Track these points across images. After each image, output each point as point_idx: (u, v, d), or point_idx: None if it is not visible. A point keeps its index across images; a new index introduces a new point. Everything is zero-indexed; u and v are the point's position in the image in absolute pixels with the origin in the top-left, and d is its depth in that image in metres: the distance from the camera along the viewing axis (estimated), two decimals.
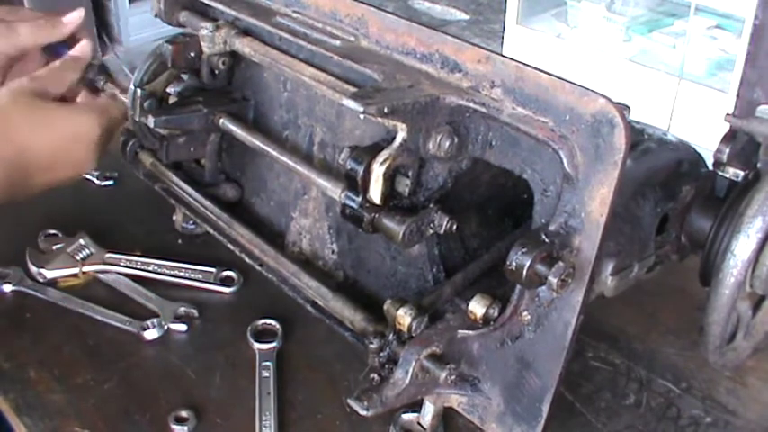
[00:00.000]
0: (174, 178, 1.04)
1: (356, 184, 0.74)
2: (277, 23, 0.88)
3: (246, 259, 0.95)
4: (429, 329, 0.77)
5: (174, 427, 0.82)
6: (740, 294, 0.78)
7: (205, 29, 0.92)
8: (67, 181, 0.91)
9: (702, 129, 2.53)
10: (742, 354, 0.87)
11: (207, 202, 1.01)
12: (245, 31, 0.93)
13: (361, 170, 0.73)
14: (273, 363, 0.90)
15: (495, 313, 0.76)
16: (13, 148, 0.83)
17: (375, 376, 0.75)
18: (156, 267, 1.02)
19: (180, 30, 0.99)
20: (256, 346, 0.92)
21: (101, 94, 0.98)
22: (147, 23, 3.89)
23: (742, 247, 0.74)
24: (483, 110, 0.72)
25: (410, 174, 0.75)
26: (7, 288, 0.99)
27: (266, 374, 0.89)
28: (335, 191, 0.81)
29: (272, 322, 0.94)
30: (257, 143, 0.93)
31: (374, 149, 0.73)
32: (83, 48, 0.96)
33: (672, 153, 0.85)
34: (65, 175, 0.89)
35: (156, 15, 0.99)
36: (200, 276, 1.02)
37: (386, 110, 0.68)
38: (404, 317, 0.76)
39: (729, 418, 0.87)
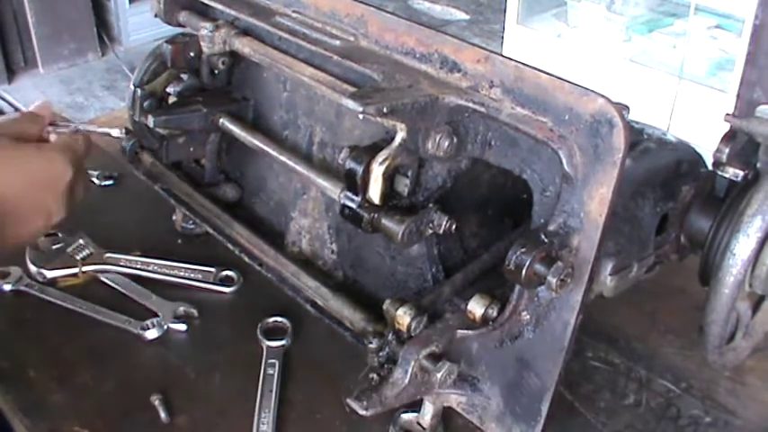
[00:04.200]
0: (174, 178, 1.04)
1: (355, 184, 0.74)
2: (277, 23, 0.88)
3: (246, 259, 0.95)
4: (428, 329, 0.77)
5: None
6: (740, 294, 0.78)
7: (205, 29, 0.92)
8: (36, 235, 0.85)
9: (702, 129, 2.53)
10: (741, 354, 0.87)
11: (207, 202, 1.01)
12: (245, 31, 0.93)
13: (360, 170, 0.73)
14: (280, 361, 0.90)
15: (495, 313, 0.76)
16: None
17: (374, 376, 0.75)
18: (155, 267, 1.02)
19: (180, 30, 0.99)
20: (266, 343, 0.92)
21: (58, 133, 0.91)
22: (147, 23, 3.89)
23: (741, 247, 0.74)
24: (482, 110, 0.72)
25: (409, 173, 0.75)
26: (7, 288, 0.99)
27: (271, 372, 0.89)
28: (335, 190, 0.81)
29: (283, 320, 0.94)
30: (257, 143, 0.93)
31: (373, 149, 0.73)
32: (44, 107, 0.90)
33: (671, 153, 0.85)
34: (38, 225, 0.83)
35: (155, 15, 0.99)
36: (199, 276, 1.02)
37: (385, 110, 0.68)
38: (403, 317, 0.76)
39: (729, 417, 0.87)
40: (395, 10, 3.87)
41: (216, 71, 0.97)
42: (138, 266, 1.02)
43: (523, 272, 0.67)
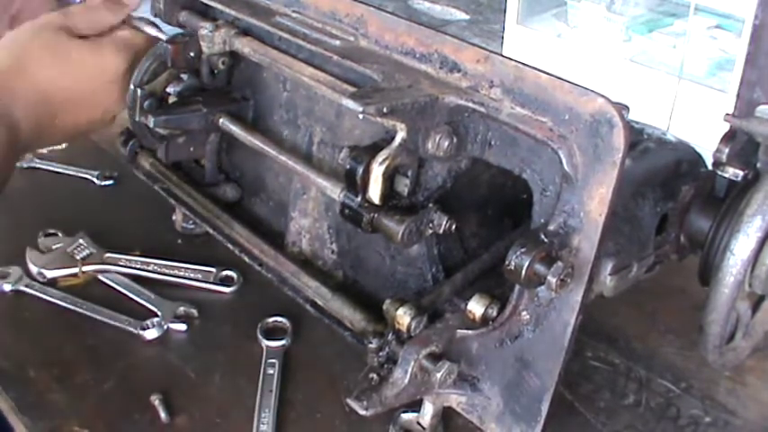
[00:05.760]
0: (174, 178, 1.04)
1: (355, 184, 0.74)
2: (276, 23, 0.88)
3: (246, 259, 0.95)
4: (428, 329, 0.77)
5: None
6: (739, 294, 0.78)
7: (204, 28, 0.92)
8: (97, 125, 0.85)
9: (702, 129, 2.53)
10: (741, 353, 0.87)
11: (207, 202, 1.01)
12: (245, 31, 0.93)
13: (360, 170, 0.73)
14: (280, 360, 0.90)
15: (494, 313, 0.76)
16: (36, 88, 0.79)
17: (374, 376, 0.75)
18: (155, 267, 1.02)
19: (180, 29, 0.99)
20: (265, 343, 0.92)
21: (123, 26, 0.93)
22: None
23: (741, 247, 0.74)
24: (482, 109, 0.72)
25: (409, 173, 0.75)
26: (7, 288, 0.99)
27: (271, 372, 0.89)
28: (335, 190, 0.81)
29: (282, 320, 0.94)
30: (257, 143, 0.93)
31: (373, 149, 0.73)
32: None
33: (671, 153, 0.85)
34: (92, 116, 0.84)
35: (155, 15, 0.99)
36: (199, 276, 1.02)
37: (385, 110, 0.68)
38: (403, 316, 0.76)
39: (729, 417, 0.87)
40: (395, 10, 3.87)
41: (216, 71, 0.97)
42: (138, 266, 1.02)
43: (523, 272, 0.67)
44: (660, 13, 3.59)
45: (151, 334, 0.94)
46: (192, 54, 0.95)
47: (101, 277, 1.02)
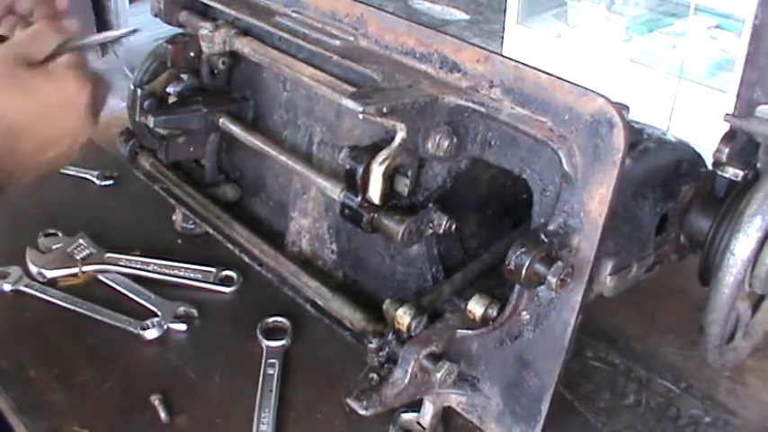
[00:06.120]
0: (175, 178, 1.04)
1: (355, 184, 0.74)
2: (277, 23, 0.88)
3: (246, 259, 0.95)
4: (428, 329, 0.77)
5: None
6: (739, 294, 0.78)
7: (205, 29, 0.92)
8: (64, 157, 0.83)
9: (702, 129, 2.53)
10: (741, 353, 0.87)
11: (207, 202, 1.01)
12: (245, 31, 0.93)
13: (360, 170, 0.73)
14: (280, 360, 0.90)
15: (494, 313, 0.76)
16: None
17: (374, 376, 0.75)
18: (155, 267, 1.02)
19: (180, 29, 0.99)
20: (266, 343, 0.92)
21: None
22: (147, 23, 3.89)
23: (741, 247, 0.74)
24: (482, 110, 0.72)
25: (409, 173, 0.75)
26: (7, 288, 0.99)
27: (271, 372, 0.89)
28: (335, 190, 0.81)
29: (282, 320, 0.94)
30: (257, 143, 0.93)
31: (373, 149, 0.73)
32: (66, 27, 0.86)
33: (671, 153, 0.85)
34: (58, 149, 0.80)
35: (155, 15, 0.99)
36: (199, 276, 1.02)
37: (385, 110, 0.68)
38: (403, 316, 0.76)
39: (729, 417, 0.87)
40: (395, 10, 3.86)
41: (216, 71, 0.97)
42: (138, 266, 1.02)
43: (523, 272, 0.67)
44: (660, 13, 3.59)
45: (151, 334, 0.94)
46: (192, 54, 0.95)
47: (101, 277, 1.02)
